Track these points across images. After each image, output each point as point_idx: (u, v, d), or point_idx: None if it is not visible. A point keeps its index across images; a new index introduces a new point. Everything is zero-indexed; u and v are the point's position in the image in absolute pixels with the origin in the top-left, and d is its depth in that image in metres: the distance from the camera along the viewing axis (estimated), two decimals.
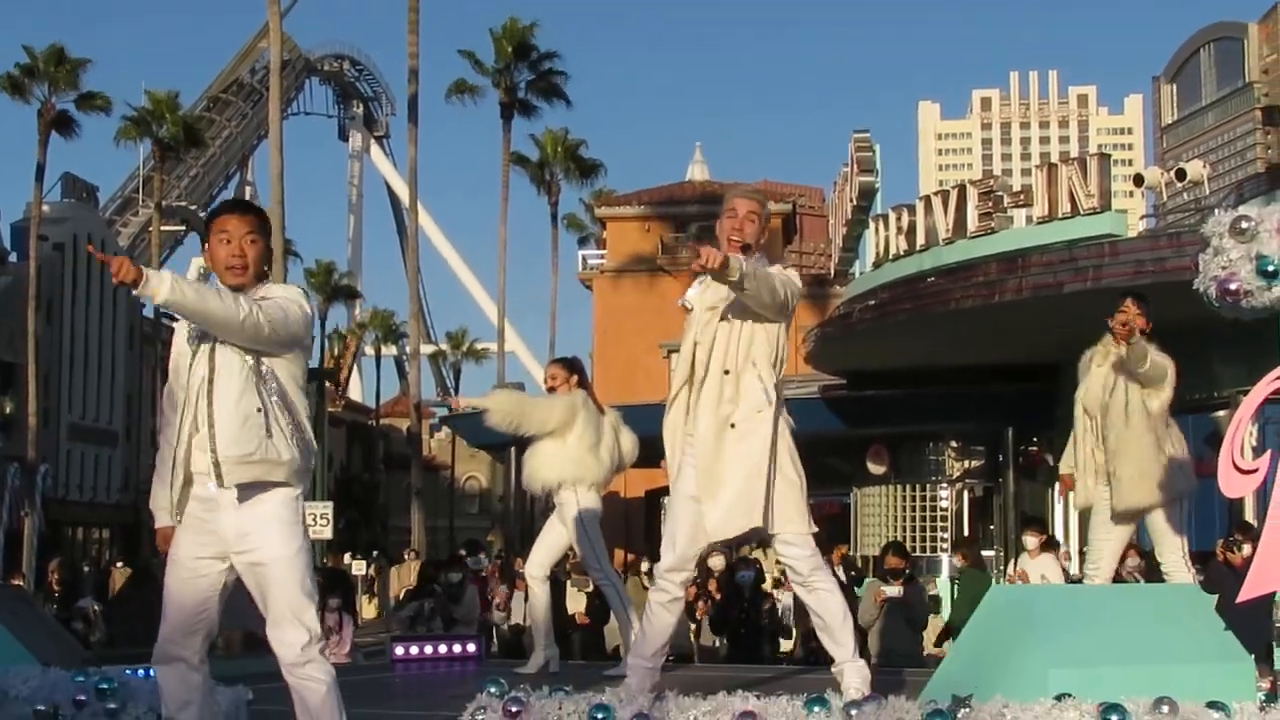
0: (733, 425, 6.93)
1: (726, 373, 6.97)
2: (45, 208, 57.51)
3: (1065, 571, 14.93)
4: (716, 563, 17.59)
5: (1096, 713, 5.03)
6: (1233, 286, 5.93)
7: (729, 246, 7.11)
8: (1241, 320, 6.19)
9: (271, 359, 5.68)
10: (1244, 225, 5.89)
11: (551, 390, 10.14)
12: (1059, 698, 5.12)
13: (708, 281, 7.05)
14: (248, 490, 5.59)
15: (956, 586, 17.63)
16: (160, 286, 5.31)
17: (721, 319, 7.00)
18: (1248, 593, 5.81)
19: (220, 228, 5.81)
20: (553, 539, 10.31)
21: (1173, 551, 8.55)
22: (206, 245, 5.92)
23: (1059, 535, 26.21)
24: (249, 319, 5.47)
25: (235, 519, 5.63)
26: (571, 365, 10.44)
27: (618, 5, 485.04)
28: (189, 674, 5.83)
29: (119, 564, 28.47)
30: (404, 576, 31.13)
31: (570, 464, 10.00)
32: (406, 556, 35.16)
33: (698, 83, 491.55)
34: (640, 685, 6.80)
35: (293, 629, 5.68)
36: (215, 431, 5.55)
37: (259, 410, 5.60)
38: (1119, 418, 8.83)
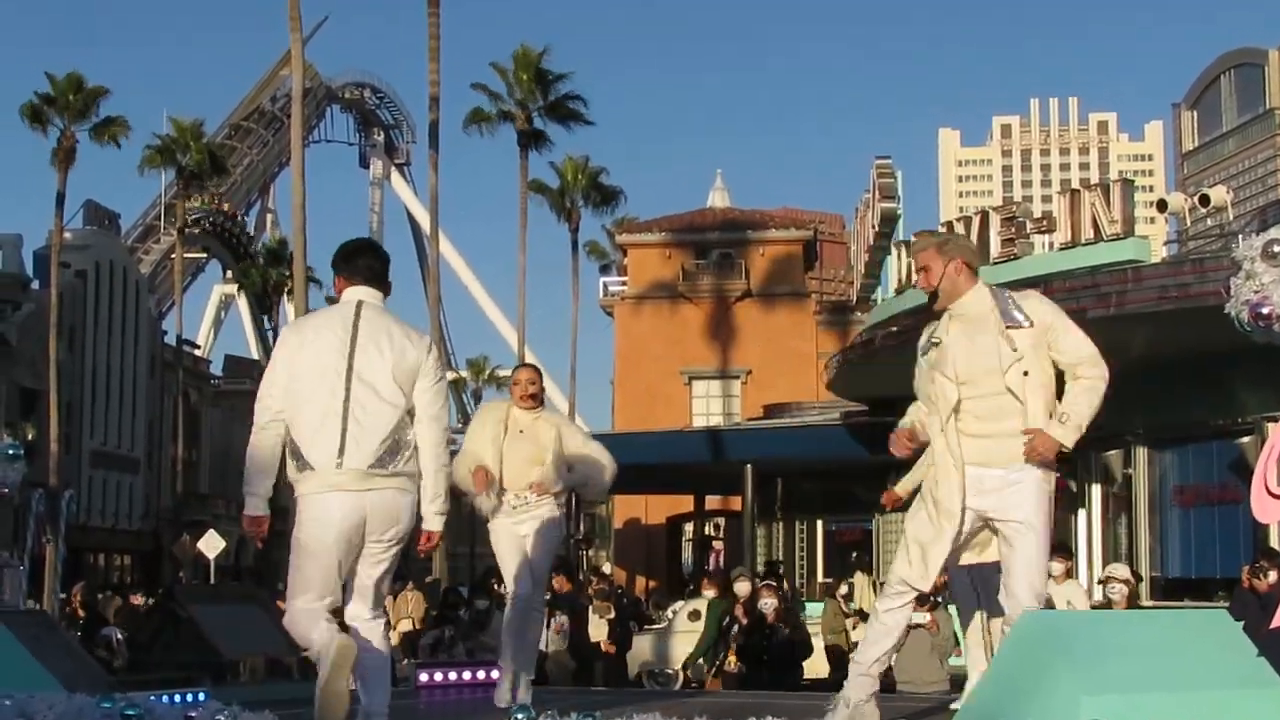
0: None
1: None
2: (67, 235, 57.72)
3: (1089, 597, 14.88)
4: (742, 588, 17.52)
5: None
6: (1265, 310, 5.91)
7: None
8: (1273, 344, 6.15)
9: None
10: (1276, 249, 5.87)
11: (535, 397, 9.88)
12: None
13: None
14: None
15: (706, 613, 19.29)
16: None
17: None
18: None
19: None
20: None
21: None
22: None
23: (1083, 561, 26.10)
24: None
25: None
26: None
27: (636, 34, 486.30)
28: None
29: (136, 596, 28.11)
30: (400, 609, 30.24)
31: None
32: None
33: (718, 110, 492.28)
34: (860, 693, 6.91)
35: None
36: None
37: None
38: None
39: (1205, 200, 27.54)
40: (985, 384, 6.79)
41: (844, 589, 19.72)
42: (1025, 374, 6.76)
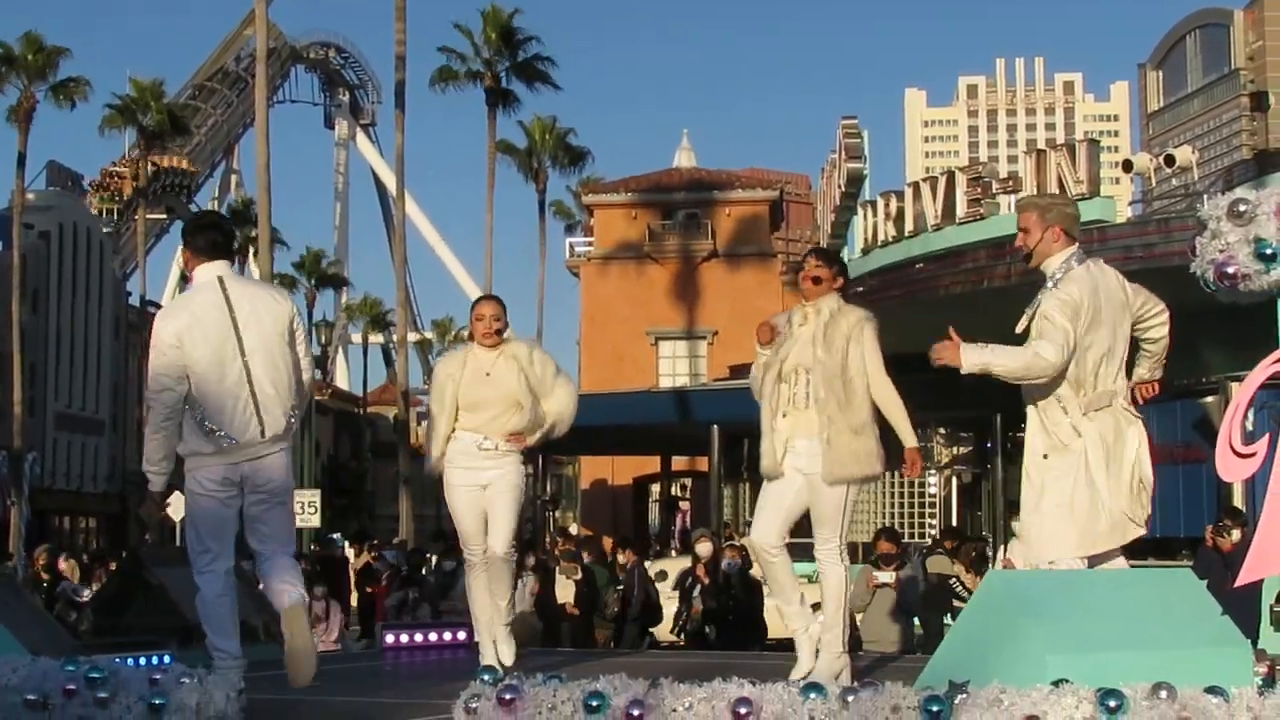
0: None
1: None
2: (30, 196, 57.31)
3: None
4: (704, 549, 17.57)
5: (1094, 699, 4.99)
6: (1230, 270, 5.91)
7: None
8: (1238, 304, 6.16)
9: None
10: (1242, 208, 5.87)
11: (500, 333, 8.95)
12: (1056, 683, 5.09)
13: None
14: None
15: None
16: None
17: None
18: (1247, 576, 5.78)
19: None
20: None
21: (831, 538, 8.00)
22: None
23: None
24: None
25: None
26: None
27: None
28: None
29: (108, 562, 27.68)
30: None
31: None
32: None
33: (685, 70, 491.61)
34: None
35: None
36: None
37: None
38: (832, 381, 7.93)
39: (1170, 160, 27.64)
40: None
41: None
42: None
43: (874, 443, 8.01)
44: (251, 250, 66.45)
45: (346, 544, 34.45)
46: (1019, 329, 7.13)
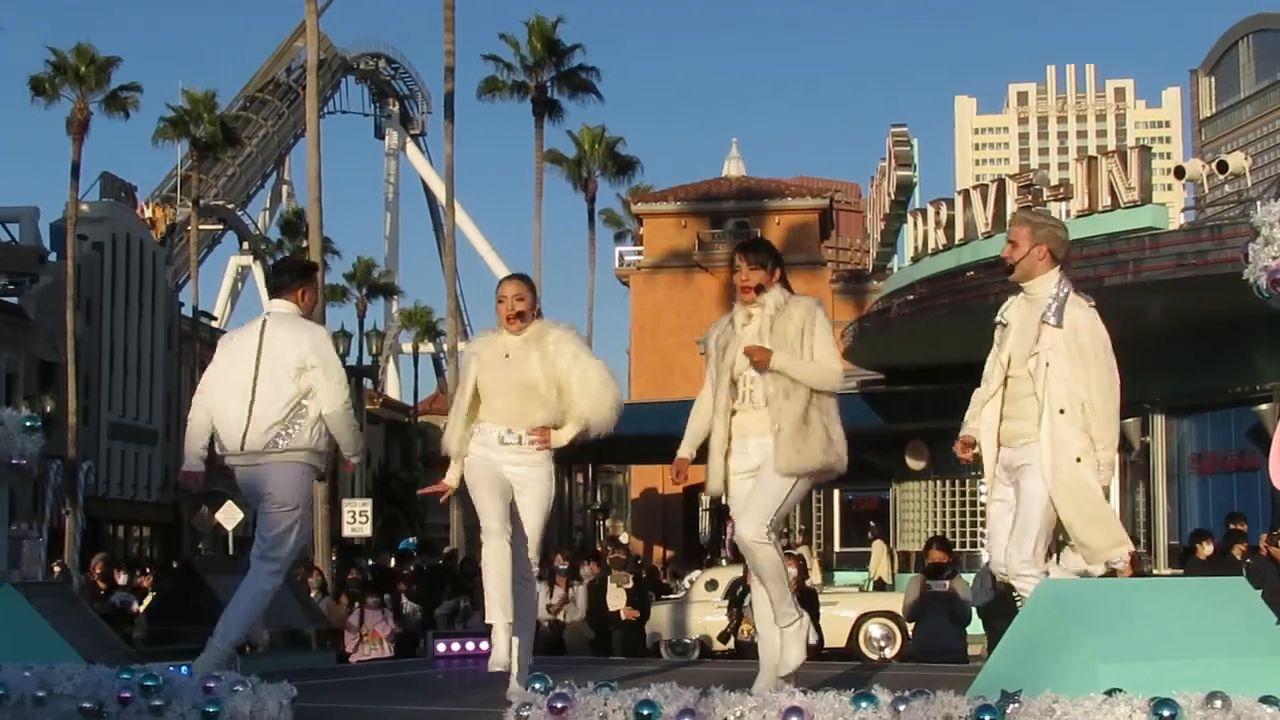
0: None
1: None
2: (84, 207, 57.71)
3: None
4: None
5: (1148, 708, 4.97)
6: None
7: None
8: None
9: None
10: None
11: (522, 315, 8.15)
12: (1109, 693, 5.07)
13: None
14: None
15: None
16: None
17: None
18: None
19: None
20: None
21: (762, 521, 7.60)
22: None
23: None
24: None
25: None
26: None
27: (652, 2, 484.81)
28: None
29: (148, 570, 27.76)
30: None
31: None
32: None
33: (734, 78, 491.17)
34: None
35: None
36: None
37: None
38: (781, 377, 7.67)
39: (1223, 167, 27.40)
40: (1019, 368, 7.21)
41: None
42: (1047, 365, 7.08)
43: (821, 435, 7.63)
44: None
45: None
46: (1029, 353, 7.16)
